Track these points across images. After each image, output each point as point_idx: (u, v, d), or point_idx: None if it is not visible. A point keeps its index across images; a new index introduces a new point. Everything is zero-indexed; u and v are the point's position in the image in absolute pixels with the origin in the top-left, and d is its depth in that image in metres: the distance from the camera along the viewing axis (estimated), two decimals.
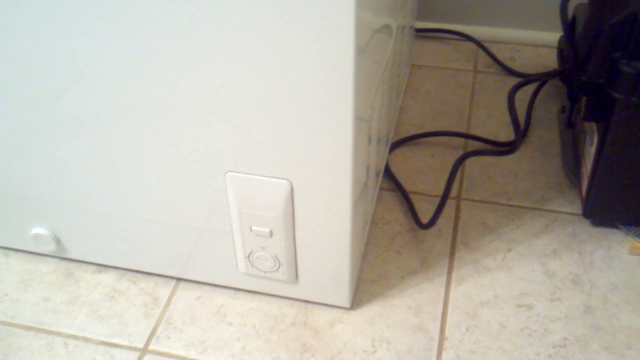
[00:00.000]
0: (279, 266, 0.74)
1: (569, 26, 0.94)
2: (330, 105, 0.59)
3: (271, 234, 0.71)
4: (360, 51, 0.58)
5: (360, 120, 0.63)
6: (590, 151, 0.84)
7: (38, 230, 0.79)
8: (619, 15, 0.74)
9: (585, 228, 0.87)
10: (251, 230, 0.71)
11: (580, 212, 0.89)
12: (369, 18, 0.61)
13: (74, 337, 0.75)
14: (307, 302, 0.78)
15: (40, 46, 0.61)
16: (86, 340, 0.75)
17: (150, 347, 0.74)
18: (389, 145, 0.98)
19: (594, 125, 0.83)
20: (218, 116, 0.62)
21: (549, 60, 1.18)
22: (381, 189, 0.94)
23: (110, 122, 0.66)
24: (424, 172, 0.96)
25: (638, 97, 0.74)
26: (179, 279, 0.81)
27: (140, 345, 0.74)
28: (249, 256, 0.74)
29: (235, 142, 0.64)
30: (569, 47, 0.86)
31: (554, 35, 1.20)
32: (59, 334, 0.76)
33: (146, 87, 0.62)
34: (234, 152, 0.65)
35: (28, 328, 0.76)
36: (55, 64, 0.62)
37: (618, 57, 0.75)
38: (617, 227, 0.86)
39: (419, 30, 1.23)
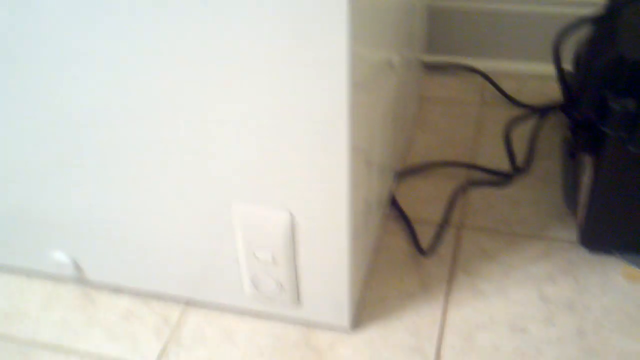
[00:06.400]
0: (282, 290, 0.78)
1: (574, 60, 0.98)
2: (326, 138, 0.63)
3: (274, 260, 0.75)
4: (356, 86, 0.61)
5: (357, 151, 0.67)
6: (585, 181, 0.87)
7: (58, 255, 0.85)
8: (607, 56, 0.77)
9: (582, 255, 0.90)
10: (255, 256, 0.75)
11: (577, 239, 0.92)
12: (366, 53, 0.65)
13: (89, 355, 0.80)
14: (309, 323, 0.82)
15: (62, 81, 0.67)
16: (101, 358, 0.80)
17: None
18: (394, 175, 1.02)
19: (589, 157, 0.86)
20: (223, 153, 0.67)
21: (555, 92, 1.21)
22: (388, 216, 0.97)
23: (124, 156, 0.71)
24: (429, 201, 1.00)
25: (626, 132, 0.77)
26: (188, 302, 0.86)
27: None
28: (253, 280, 0.78)
29: (239, 176, 0.69)
30: (560, 84, 0.90)
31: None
32: (77, 352, 0.81)
33: (158, 128, 0.67)
34: (238, 185, 0.70)
35: (47, 346, 0.81)
36: (76, 106, 0.68)
37: (607, 95, 0.78)
38: (612, 254, 0.89)
39: (427, 64, 1.28)
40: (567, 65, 0.98)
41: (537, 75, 1.25)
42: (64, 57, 0.65)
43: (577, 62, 0.97)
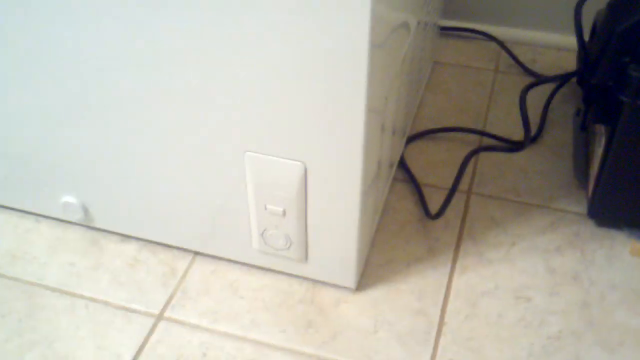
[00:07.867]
0: (290, 245, 0.78)
1: (591, 30, 0.97)
2: (344, 95, 0.63)
3: (284, 213, 0.75)
4: (375, 46, 0.61)
5: (372, 111, 0.67)
6: (597, 152, 0.87)
7: (67, 198, 0.85)
8: (628, 21, 0.76)
9: (589, 228, 0.90)
10: (266, 208, 0.75)
11: (586, 212, 0.92)
12: (386, 13, 0.64)
13: (94, 300, 0.81)
14: (315, 281, 0.82)
15: (72, 25, 0.66)
16: (106, 303, 0.80)
17: (166, 314, 0.79)
18: (405, 138, 1.01)
19: (602, 128, 0.86)
20: (239, 100, 0.67)
21: (570, 63, 1.20)
22: (395, 179, 0.97)
23: (138, 103, 0.70)
24: (438, 165, 1.00)
25: None
26: (196, 253, 0.86)
27: (156, 312, 0.79)
28: (262, 234, 0.78)
29: (255, 124, 0.69)
30: (580, 50, 0.89)
31: (576, 39, 1.22)
32: (81, 296, 0.81)
33: (173, 74, 0.66)
34: (253, 133, 0.69)
35: (53, 289, 0.82)
36: (89, 52, 0.67)
37: (627, 62, 0.77)
38: (620, 228, 0.89)
39: (443, 29, 1.26)
40: (585, 36, 0.96)
41: (553, 46, 1.24)
42: (75, 3, 0.64)
43: (595, 29, 0.95)
